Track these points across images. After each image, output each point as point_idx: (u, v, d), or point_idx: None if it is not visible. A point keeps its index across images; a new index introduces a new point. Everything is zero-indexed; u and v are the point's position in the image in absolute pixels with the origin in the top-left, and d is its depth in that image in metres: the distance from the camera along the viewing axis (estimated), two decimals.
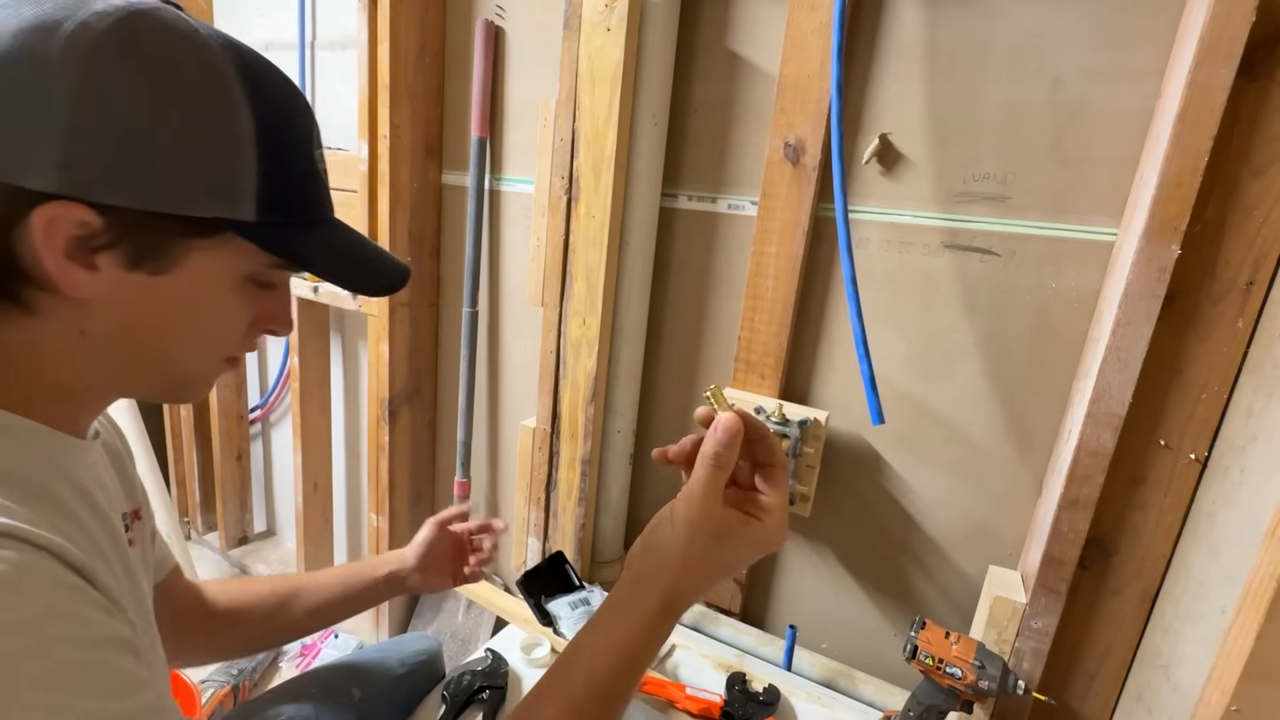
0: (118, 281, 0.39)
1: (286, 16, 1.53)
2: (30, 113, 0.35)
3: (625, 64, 1.02)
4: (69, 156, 0.36)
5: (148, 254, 0.40)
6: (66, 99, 0.35)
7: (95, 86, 0.36)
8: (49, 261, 0.37)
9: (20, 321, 0.39)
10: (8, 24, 0.35)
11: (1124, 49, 0.80)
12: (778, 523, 0.47)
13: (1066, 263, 0.87)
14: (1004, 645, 0.89)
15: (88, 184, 0.36)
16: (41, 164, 0.35)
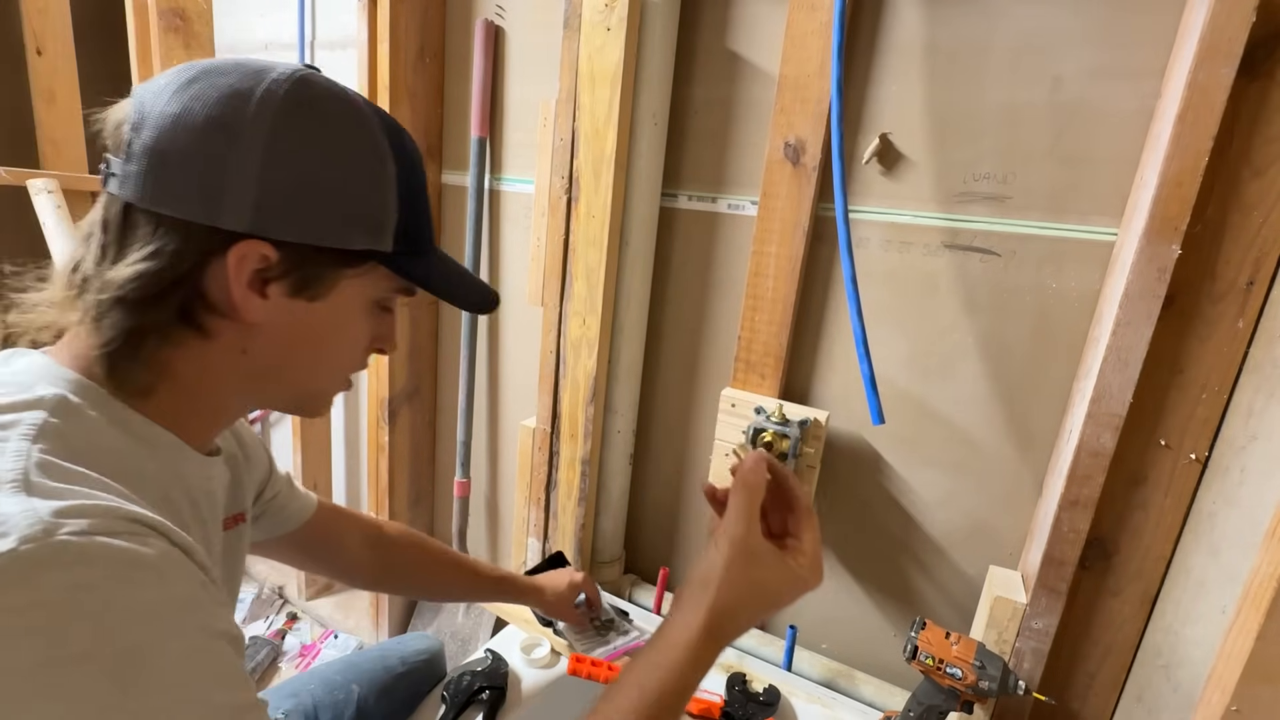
0: (283, 308, 0.46)
1: (286, 16, 1.53)
2: (229, 165, 0.42)
3: (625, 64, 1.02)
4: (260, 201, 0.42)
5: (310, 283, 0.46)
6: (260, 152, 0.42)
7: (283, 141, 0.43)
8: (235, 291, 0.43)
9: (193, 344, 0.45)
10: (209, 93, 0.42)
11: (1124, 49, 0.80)
12: (812, 563, 0.51)
13: (1067, 263, 0.87)
14: (1004, 645, 0.88)
15: (272, 224, 0.43)
16: (236, 207, 0.42)
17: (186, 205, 0.42)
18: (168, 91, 0.42)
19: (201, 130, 0.41)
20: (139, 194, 0.41)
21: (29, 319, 0.46)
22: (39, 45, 1.81)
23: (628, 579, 1.28)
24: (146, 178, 0.41)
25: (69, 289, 0.44)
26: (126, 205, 0.42)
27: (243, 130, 0.42)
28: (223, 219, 0.42)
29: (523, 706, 0.93)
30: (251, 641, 1.63)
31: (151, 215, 0.42)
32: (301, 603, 1.81)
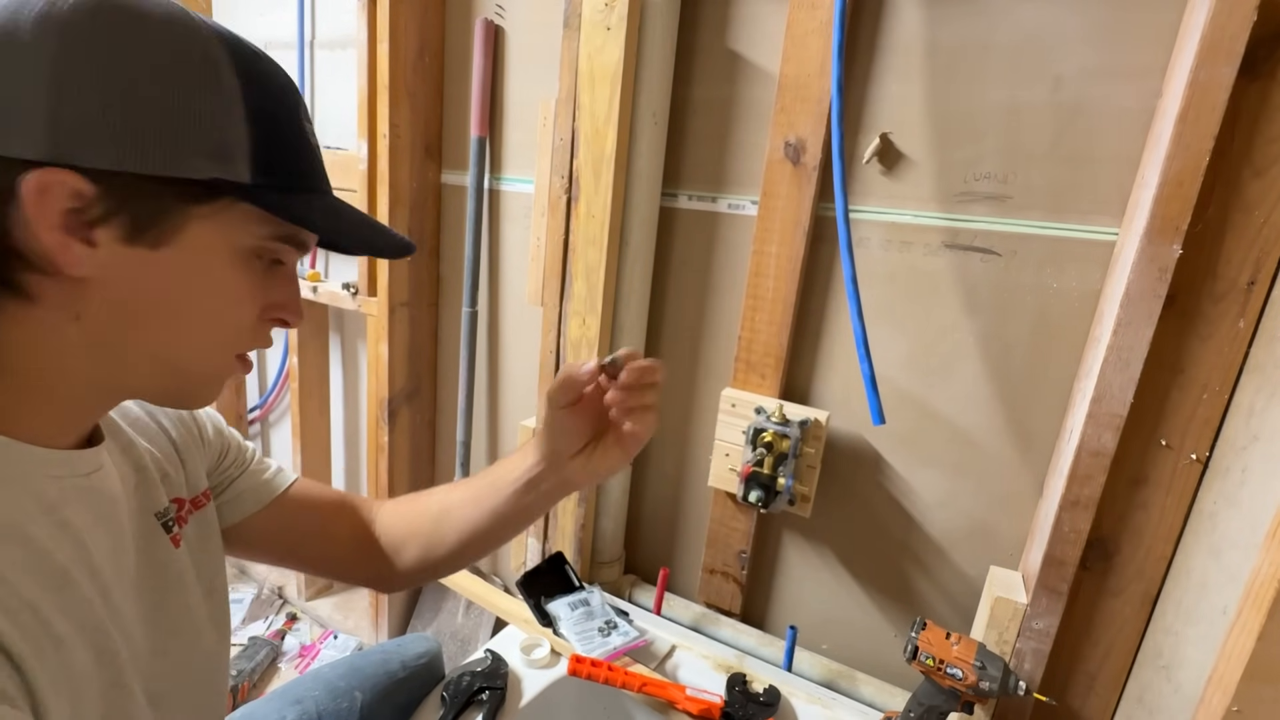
0: (118, 257, 0.38)
1: (286, 16, 1.53)
2: (10, 80, 0.34)
3: (625, 63, 1.02)
4: (54, 118, 0.34)
5: (147, 224, 0.38)
6: (47, 62, 0.34)
7: (81, 45, 0.35)
8: (45, 235, 0.35)
9: (15, 312, 0.37)
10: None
11: (1125, 48, 0.80)
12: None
13: (1067, 262, 0.87)
14: (1005, 646, 0.88)
15: (76, 148, 0.35)
16: (26, 129, 0.34)
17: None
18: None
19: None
20: None
21: None
22: None
23: (628, 579, 1.28)
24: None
25: None
26: None
27: (19, 35, 0.34)
28: (12, 146, 0.34)
29: (522, 707, 0.93)
30: (251, 642, 1.63)
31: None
32: (301, 603, 1.81)
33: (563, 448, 0.64)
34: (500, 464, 0.68)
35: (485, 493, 0.67)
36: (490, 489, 0.67)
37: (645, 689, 0.94)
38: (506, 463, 0.68)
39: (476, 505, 0.68)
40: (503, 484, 0.66)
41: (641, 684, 0.94)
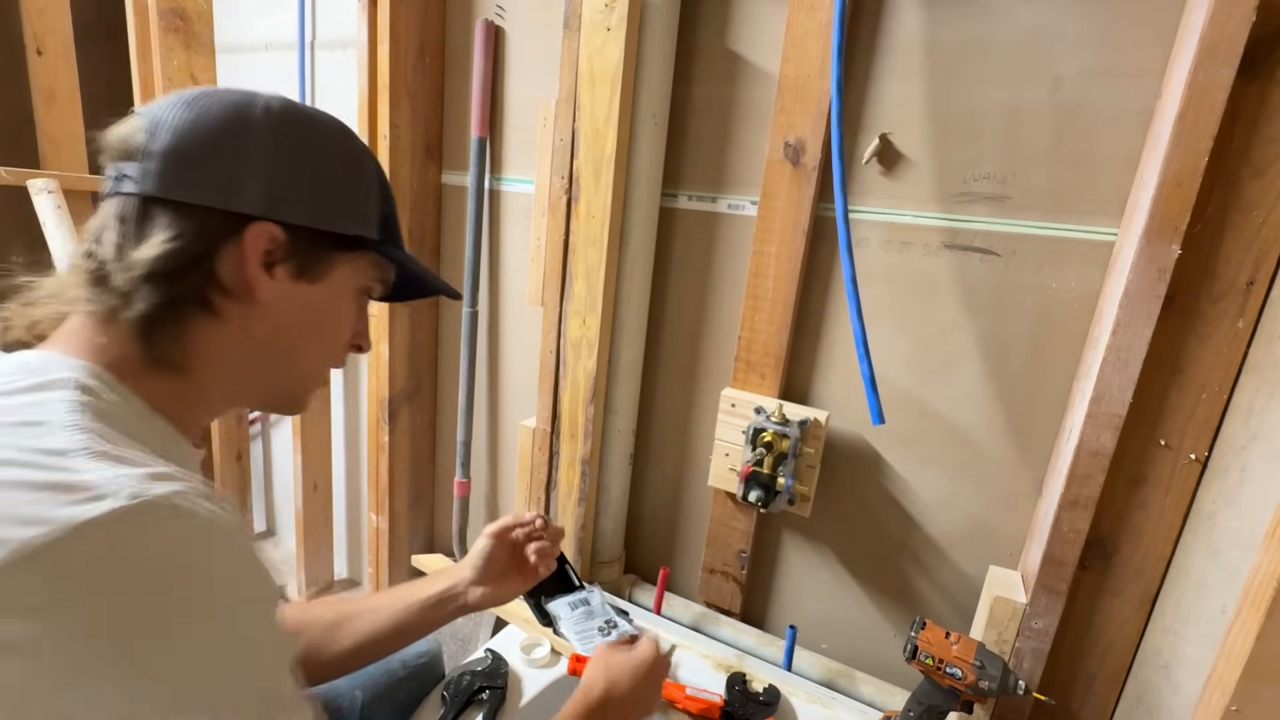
0: (286, 288, 0.50)
1: (286, 16, 1.53)
2: (244, 158, 0.48)
3: (625, 64, 1.02)
4: (270, 189, 0.48)
5: (309, 264, 0.51)
6: (269, 148, 0.49)
7: (287, 139, 0.50)
8: (249, 269, 0.48)
9: (206, 323, 0.48)
10: (216, 104, 0.48)
11: (1124, 49, 0.80)
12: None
13: (1067, 262, 0.87)
14: (1004, 645, 0.88)
15: (281, 208, 0.49)
16: (252, 194, 0.48)
17: (206, 193, 0.47)
18: (177, 105, 0.48)
19: (217, 131, 0.47)
20: (159, 187, 0.46)
21: (26, 312, 0.48)
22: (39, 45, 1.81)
23: (628, 579, 1.28)
24: (166, 173, 0.46)
25: (83, 278, 0.46)
26: (144, 199, 0.46)
27: (252, 130, 0.49)
28: (240, 204, 0.47)
29: (522, 707, 0.93)
30: None
31: (170, 204, 0.46)
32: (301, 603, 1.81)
33: (483, 573, 0.81)
34: (412, 583, 0.81)
35: (389, 604, 0.78)
36: (398, 601, 0.78)
37: None
38: (419, 582, 0.81)
39: (376, 614, 0.76)
40: (414, 598, 0.78)
41: None
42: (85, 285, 0.46)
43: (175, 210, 0.46)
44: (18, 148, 1.83)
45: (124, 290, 0.45)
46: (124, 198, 0.46)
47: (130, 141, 0.47)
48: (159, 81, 1.69)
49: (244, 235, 0.47)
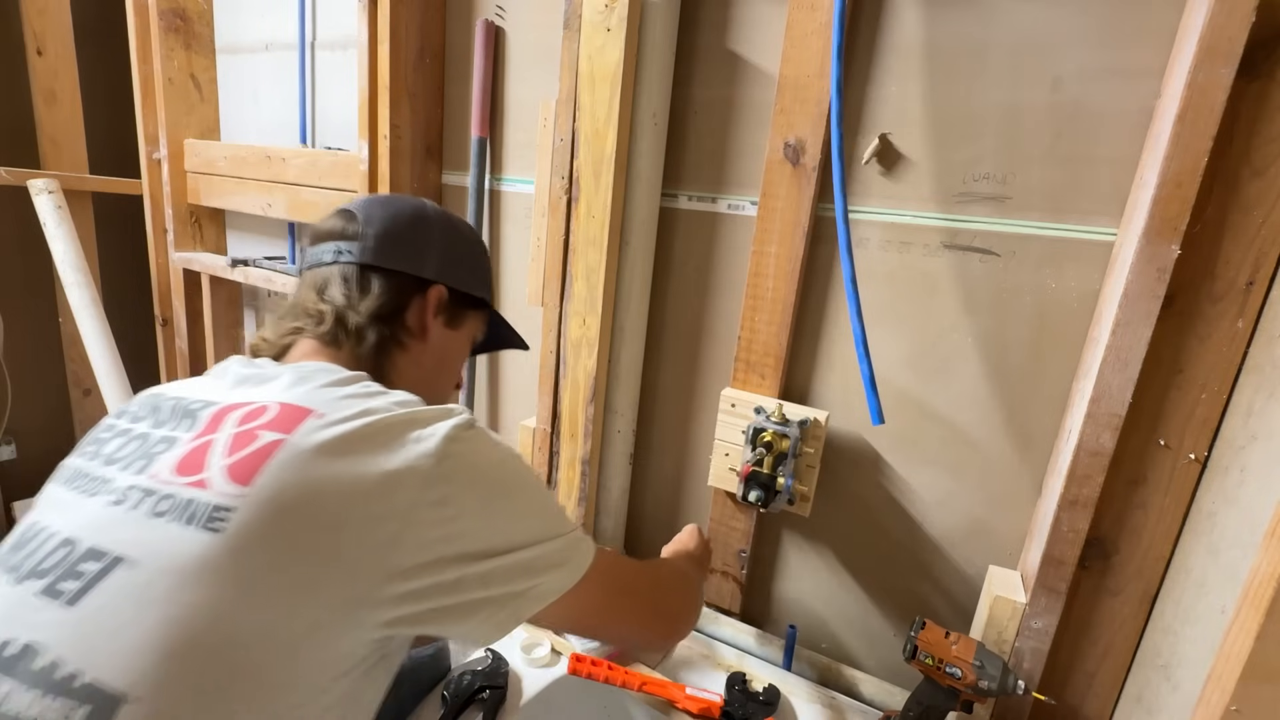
0: (442, 332, 0.72)
1: (286, 16, 1.53)
2: (427, 240, 0.71)
3: (625, 64, 1.02)
4: (441, 263, 0.71)
5: (456, 317, 0.74)
6: (440, 235, 0.73)
7: (449, 230, 0.74)
8: (428, 317, 0.70)
9: (397, 354, 0.69)
10: (403, 205, 0.72)
11: (1124, 49, 0.80)
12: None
13: (1066, 263, 0.87)
14: (1004, 645, 0.89)
15: (448, 276, 0.72)
16: (432, 265, 0.71)
17: (405, 263, 0.69)
18: (376, 206, 0.70)
19: (407, 223, 0.71)
20: (374, 259, 0.67)
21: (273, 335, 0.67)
22: (39, 45, 1.81)
23: None
24: (379, 250, 0.68)
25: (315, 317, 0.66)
26: (362, 267, 0.67)
27: (430, 223, 0.72)
28: (425, 271, 0.70)
29: (522, 706, 0.93)
30: None
31: (381, 271, 0.68)
32: None
33: None
34: None
35: None
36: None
37: (645, 688, 0.94)
38: None
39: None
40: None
41: (641, 683, 0.94)
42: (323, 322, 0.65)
43: (384, 275, 0.68)
44: (18, 148, 1.83)
45: (359, 327, 0.65)
46: (346, 266, 0.67)
47: (347, 229, 0.68)
48: (159, 81, 1.69)
49: (428, 293, 0.70)
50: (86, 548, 0.47)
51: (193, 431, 0.54)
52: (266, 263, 1.63)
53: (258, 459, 0.49)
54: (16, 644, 0.44)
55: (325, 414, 0.52)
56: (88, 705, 0.41)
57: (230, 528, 0.46)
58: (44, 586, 0.46)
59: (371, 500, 0.48)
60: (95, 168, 1.96)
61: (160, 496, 0.49)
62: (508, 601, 0.54)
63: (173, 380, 0.69)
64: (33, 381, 1.97)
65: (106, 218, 1.97)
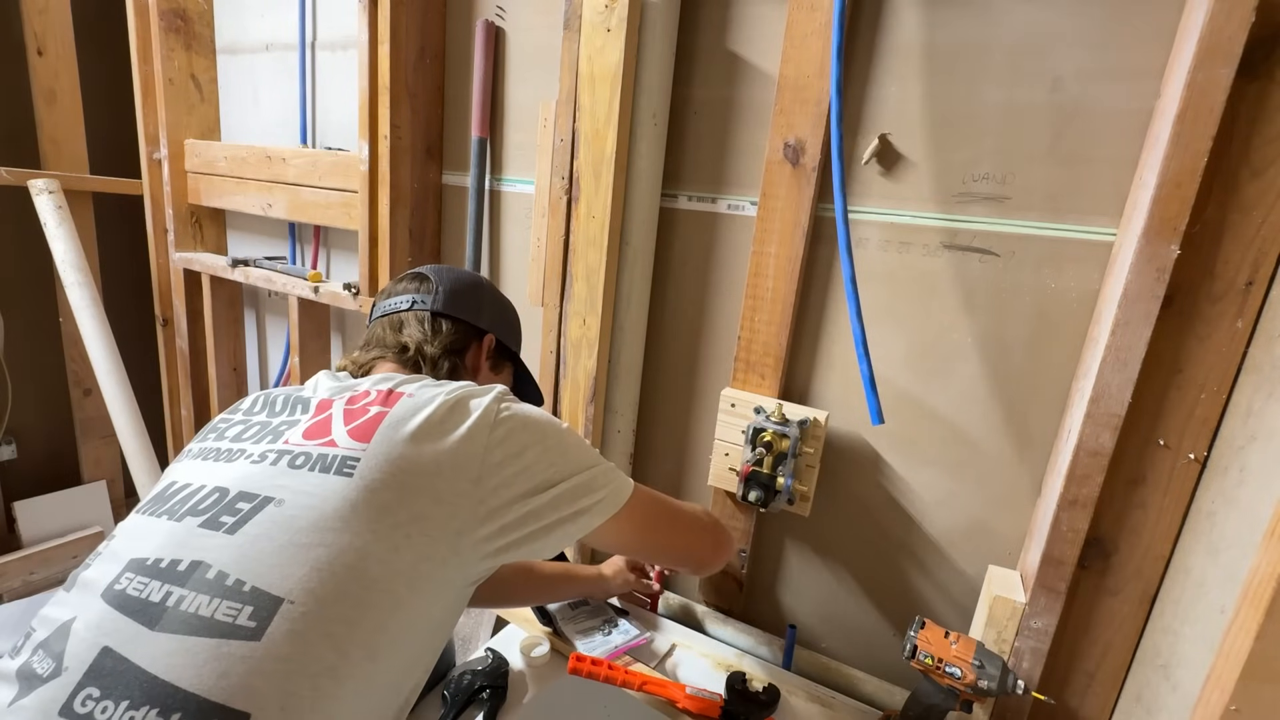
0: (488, 375, 0.87)
1: (286, 16, 1.53)
2: (482, 300, 0.88)
3: (625, 64, 1.02)
4: (493, 318, 0.88)
5: (498, 364, 0.89)
6: (490, 296, 0.90)
7: (496, 294, 0.92)
8: (481, 359, 0.86)
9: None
10: (464, 274, 0.89)
11: (1123, 49, 0.80)
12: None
13: (1066, 263, 0.87)
14: (1003, 645, 0.89)
15: (496, 328, 0.88)
16: (487, 318, 0.87)
17: (466, 314, 0.84)
18: (442, 271, 0.87)
19: (467, 284, 0.87)
20: (444, 308, 0.83)
21: (359, 358, 0.79)
22: (40, 45, 1.81)
23: None
24: (447, 302, 0.83)
25: (399, 348, 0.79)
26: (434, 314, 0.82)
27: (484, 288, 0.90)
28: (481, 322, 0.86)
29: (523, 706, 0.93)
30: None
31: (449, 318, 0.83)
32: None
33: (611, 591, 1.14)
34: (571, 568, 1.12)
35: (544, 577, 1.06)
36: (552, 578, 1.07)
37: (645, 688, 0.94)
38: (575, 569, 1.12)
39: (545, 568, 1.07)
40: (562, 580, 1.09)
41: (641, 683, 0.94)
42: (405, 351, 0.79)
43: (452, 321, 0.83)
44: (18, 148, 1.84)
45: (434, 357, 0.79)
46: (420, 311, 0.82)
47: (421, 286, 0.84)
48: (159, 81, 1.69)
49: (483, 340, 0.86)
50: (238, 491, 0.59)
51: (309, 414, 0.67)
52: (267, 263, 1.63)
53: (372, 424, 0.62)
54: (186, 561, 0.54)
55: (414, 395, 0.66)
56: (253, 605, 0.52)
57: (359, 471, 0.58)
58: (204, 520, 0.57)
59: (457, 452, 0.62)
60: (95, 168, 1.96)
61: (296, 454, 0.61)
62: (578, 517, 0.67)
63: (177, 377, 0.73)
64: (33, 381, 1.98)
65: (106, 218, 1.97)
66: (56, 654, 0.52)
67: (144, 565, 0.55)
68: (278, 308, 1.80)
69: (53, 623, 0.55)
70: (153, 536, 0.58)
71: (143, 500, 0.65)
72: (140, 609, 0.52)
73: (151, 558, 0.55)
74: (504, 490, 0.63)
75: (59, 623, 0.54)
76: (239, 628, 0.51)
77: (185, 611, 0.51)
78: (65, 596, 0.58)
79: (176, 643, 0.50)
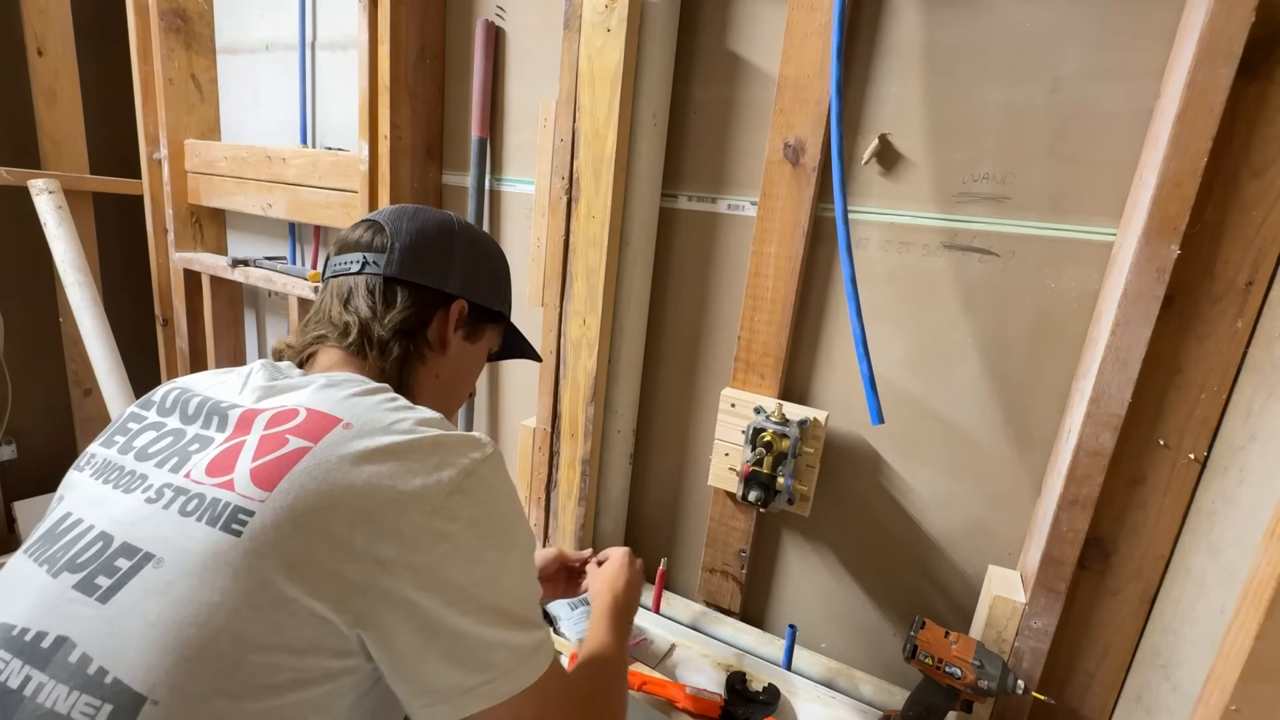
0: (460, 345, 0.73)
1: (286, 16, 1.53)
2: (452, 255, 0.71)
3: (625, 64, 1.02)
4: (465, 277, 0.72)
5: (474, 331, 0.75)
6: (465, 249, 0.73)
7: (473, 244, 0.74)
8: (448, 330, 0.70)
9: (418, 366, 0.69)
10: (430, 219, 0.72)
11: (1123, 49, 0.80)
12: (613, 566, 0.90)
13: (1066, 263, 0.87)
14: (1003, 645, 0.89)
15: (470, 291, 0.72)
16: (456, 279, 0.71)
17: (430, 277, 0.69)
18: (404, 219, 0.70)
19: (434, 236, 0.71)
20: (400, 272, 0.68)
21: (298, 343, 0.69)
22: (40, 45, 1.81)
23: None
24: (405, 263, 0.68)
25: (341, 329, 0.66)
26: (387, 280, 0.67)
27: (455, 239, 0.72)
28: (449, 286, 0.70)
29: None
30: None
31: (406, 284, 0.68)
32: None
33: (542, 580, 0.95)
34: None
35: None
36: None
37: (645, 688, 0.94)
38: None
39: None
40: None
41: (641, 683, 0.94)
42: (348, 334, 0.66)
43: (410, 288, 0.68)
44: (18, 148, 1.83)
45: (382, 340, 0.66)
46: (371, 277, 0.67)
47: (375, 241, 0.69)
48: (159, 81, 1.69)
49: (450, 308, 0.70)
50: (120, 543, 0.50)
51: (225, 433, 0.56)
52: (267, 263, 1.63)
53: (283, 465, 0.51)
54: (51, 636, 0.47)
55: (353, 424, 0.54)
56: (112, 704, 0.44)
57: (249, 530, 0.48)
58: (79, 580, 0.49)
59: (382, 517, 0.50)
60: (95, 168, 1.96)
61: (191, 495, 0.51)
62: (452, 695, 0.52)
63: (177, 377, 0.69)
64: (33, 381, 1.97)
65: (106, 218, 1.97)
66: None
67: (9, 636, 0.47)
68: (278, 308, 1.80)
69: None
70: (26, 594, 0.50)
71: (36, 532, 0.56)
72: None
73: (19, 626, 0.47)
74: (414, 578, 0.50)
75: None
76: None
77: (41, 706, 0.44)
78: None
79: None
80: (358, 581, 0.48)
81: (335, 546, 0.48)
